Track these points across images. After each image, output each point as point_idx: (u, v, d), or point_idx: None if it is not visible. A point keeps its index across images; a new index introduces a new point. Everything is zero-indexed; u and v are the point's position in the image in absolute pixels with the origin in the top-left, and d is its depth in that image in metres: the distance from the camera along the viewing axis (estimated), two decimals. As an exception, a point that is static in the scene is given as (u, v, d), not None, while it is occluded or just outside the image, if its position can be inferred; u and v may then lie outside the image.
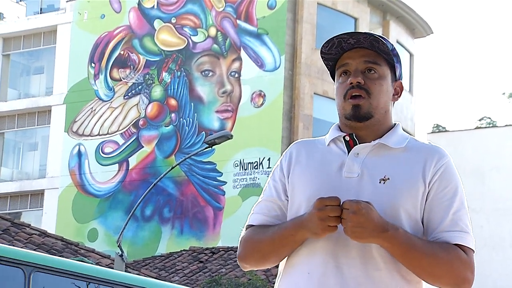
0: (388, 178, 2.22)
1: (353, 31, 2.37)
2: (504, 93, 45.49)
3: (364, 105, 2.28)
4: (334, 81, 2.37)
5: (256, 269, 2.49)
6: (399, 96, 2.39)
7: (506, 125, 27.97)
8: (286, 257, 2.29)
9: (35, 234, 15.14)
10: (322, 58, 2.35)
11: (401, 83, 2.40)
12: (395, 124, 2.36)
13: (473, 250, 2.22)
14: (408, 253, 2.14)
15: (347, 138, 2.30)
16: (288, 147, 2.39)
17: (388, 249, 2.15)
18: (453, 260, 2.17)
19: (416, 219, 2.22)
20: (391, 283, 2.18)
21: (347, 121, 2.30)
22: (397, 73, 2.37)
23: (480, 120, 40.29)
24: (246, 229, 2.35)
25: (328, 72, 2.40)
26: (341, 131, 2.34)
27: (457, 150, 23.61)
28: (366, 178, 2.23)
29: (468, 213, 2.28)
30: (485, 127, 34.77)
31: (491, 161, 24.41)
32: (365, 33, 2.29)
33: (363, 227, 2.10)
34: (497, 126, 32.12)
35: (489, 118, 39.99)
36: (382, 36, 2.34)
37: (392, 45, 2.36)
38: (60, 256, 14.42)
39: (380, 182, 2.21)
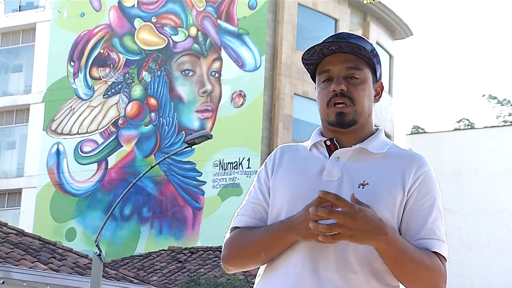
0: (367, 183, 2.21)
1: (334, 35, 2.33)
2: (484, 95, 45.75)
3: (349, 112, 2.27)
4: (315, 83, 2.36)
5: (239, 271, 2.44)
6: (380, 97, 2.38)
7: (484, 127, 28.15)
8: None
9: (12, 233, 15.02)
10: (303, 64, 2.33)
11: (381, 83, 2.39)
12: (377, 129, 2.35)
13: (446, 260, 2.24)
14: (401, 257, 2.13)
15: (328, 142, 2.30)
16: (273, 151, 2.39)
17: (383, 252, 2.13)
18: (434, 267, 2.18)
19: (393, 226, 2.20)
20: (367, 286, 2.18)
21: (330, 126, 2.30)
22: (378, 74, 2.36)
23: (458, 122, 40.48)
24: (231, 231, 2.33)
25: (309, 73, 2.38)
26: (323, 135, 2.33)
27: (436, 152, 23.71)
28: (346, 182, 2.23)
29: (443, 222, 2.29)
30: (464, 129, 34.98)
31: (469, 162, 24.55)
32: (346, 41, 2.27)
33: (362, 230, 2.06)
34: (475, 128, 32.32)
35: (467, 120, 40.20)
36: (362, 36, 2.32)
37: (371, 45, 2.34)
38: (37, 255, 14.32)
39: (359, 186, 2.21)
